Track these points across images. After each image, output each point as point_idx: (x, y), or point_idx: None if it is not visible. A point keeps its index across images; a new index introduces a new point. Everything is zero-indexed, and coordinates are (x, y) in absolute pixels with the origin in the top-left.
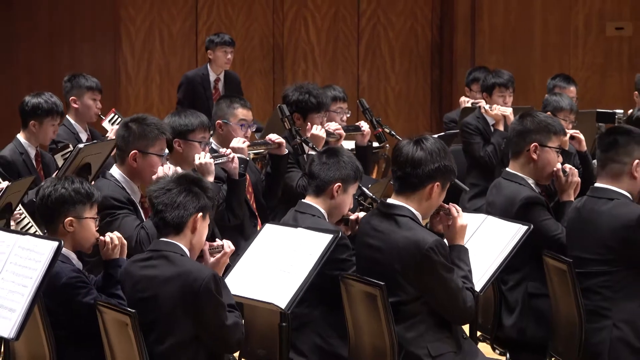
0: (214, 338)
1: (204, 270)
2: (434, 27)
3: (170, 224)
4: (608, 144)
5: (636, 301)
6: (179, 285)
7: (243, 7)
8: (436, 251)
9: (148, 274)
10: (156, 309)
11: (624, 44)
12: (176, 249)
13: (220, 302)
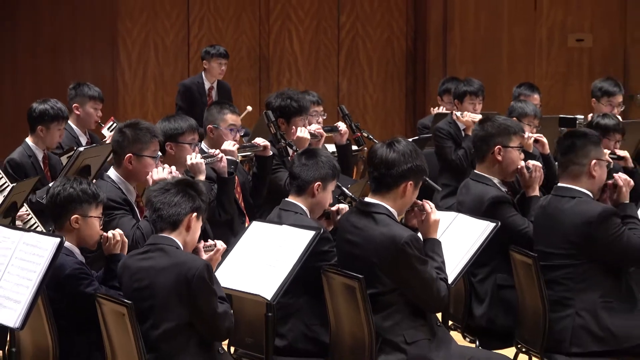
0: (206, 325)
1: (197, 260)
2: (409, 38)
3: (167, 221)
4: (567, 147)
5: (597, 292)
6: (174, 275)
7: (231, 20)
8: (411, 245)
9: (145, 265)
10: (153, 297)
11: (584, 55)
12: (172, 243)
13: (213, 290)
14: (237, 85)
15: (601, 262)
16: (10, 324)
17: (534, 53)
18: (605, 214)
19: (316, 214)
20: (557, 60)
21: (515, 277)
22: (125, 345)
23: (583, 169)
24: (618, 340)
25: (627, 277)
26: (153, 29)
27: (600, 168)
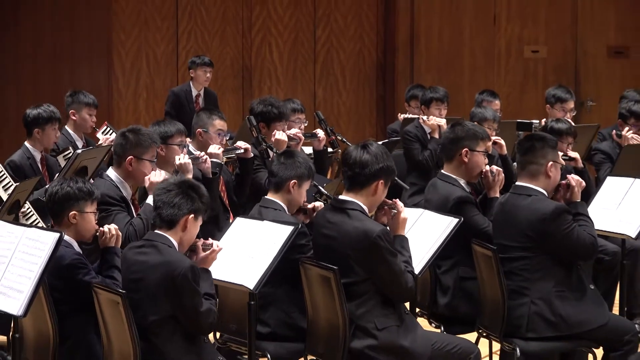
0: (188, 320)
1: (184, 261)
2: (379, 50)
3: (165, 219)
4: (526, 148)
5: (550, 282)
6: (162, 272)
7: (217, 33)
8: (382, 238)
9: (139, 259)
10: (143, 290)
11: (539, 65)
12: (165, 241)
13: (196, 289)
14: (222, 92)
15: (554, 254)
16: (13, 312)
17: (493, 63)
18: (558, 211)
19: (293, 209)
20: (514, 69)
21: (477, 269)
22: (119, 331)
23: (541, 169)
24: (569, 326)
25: (577, 269)
26: (145, 41)
27: (556, 169)
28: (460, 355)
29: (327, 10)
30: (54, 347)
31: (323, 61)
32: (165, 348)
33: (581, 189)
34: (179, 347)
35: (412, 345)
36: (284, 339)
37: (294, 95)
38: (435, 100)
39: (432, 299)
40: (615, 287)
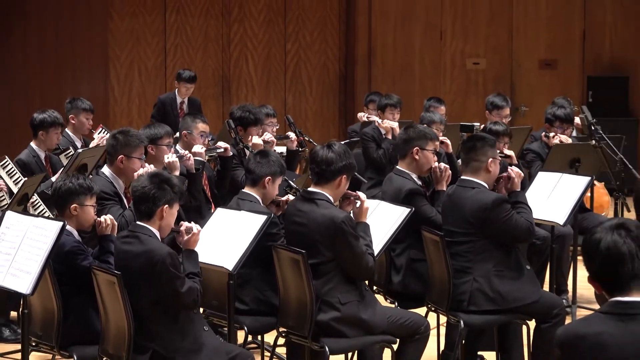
0: (170, 300)
1: (162, 249)
2: (341, 63)
3: (144, 213)
4: (469, 147)
5: (491, 262)
6: (144, 260)
7: (200, 48)
8: (346, 224)
9: (125, 249)
10: (128, 276)
11: (479, 75)
12: (146, 231)
13: (174, 273)
14: (204, 99)
15: (494, 239)
16: (22, 291)
17: (439, 74)
18: (497, 202)
19: (267, 202)
20: (458, 79)
21: (426, 251)
22: (115, 308)
23: (482, 165)
24: (506, 301)
25: (516, 251)
26: (137, 55)
27: (495, 165)
28: (412, 327)
29: (295, 28)
30: (58, 322)
31: (292, 72)
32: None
33: (520, 179)
34: (165, 326)
35: (370, 318)
36: (259, 314)
37: (267, 102)
38: (390, 106)
39: (387, 278)
40: (546, 267)
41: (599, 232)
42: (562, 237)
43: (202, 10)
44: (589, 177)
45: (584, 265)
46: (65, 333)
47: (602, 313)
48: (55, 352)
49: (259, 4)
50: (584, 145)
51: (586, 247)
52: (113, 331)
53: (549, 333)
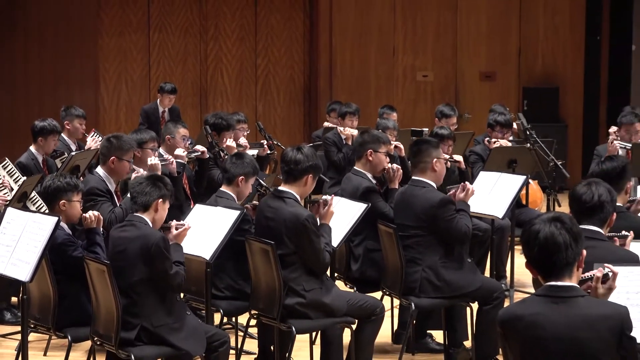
0: (161, 280)
1: (156, 234)
2: (305, 75)
3: (140, 204)
4: (415, 151)
5: (437, 255)
6: (140, 243)
7: (180, 62)
8: (309, 221)
9: (122, 235)
10: (126, 259)
11: (427, 86)
12: (141, 220)
13: (166, 256)
14: (184, 108)
15: (439, 234)
16: (22, 278)
17: (392, 85)
18: (444, 201)
19: (240, 199)
20: (409, 90)
21: (381, 243)
22: (105, 293)
23: (428, 165)
24: (451, 288)
25: (459, 245)
26: (124, 69)
27: (440, 164)
28: (369, 309)
29: (265, 45)
30: (54, 306)
31: (262, 84)
32: (143, 303)
33: (472, 196)
34: (154, 303)
35: (332, 302)
36: (233, 298)
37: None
38: (349, 113)
39: (347, 265)
40: (487, 256)
41: (537, 223)
42: (501, 229)
43: (182, 30)
44: (525, 176)
45: (523, 253)
46: (60, 316)
47: (537, 296)
48: (52, 333)
49: (232, 24)
50: (520, 148)
51: (525, 237)
52: (103, 314)
53: (490, 314)
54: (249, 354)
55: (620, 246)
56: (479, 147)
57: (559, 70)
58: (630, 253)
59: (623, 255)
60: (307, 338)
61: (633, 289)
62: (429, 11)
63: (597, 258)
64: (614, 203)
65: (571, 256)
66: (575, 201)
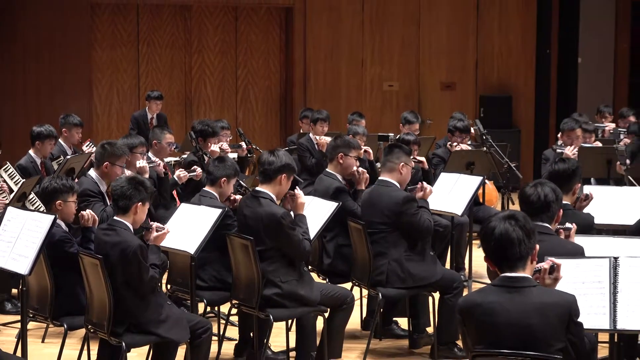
0: (136, 283)
1: (134, 241)
2: (282, 86)
3: (121, 208)
4: (388, 151)
5: (402, 248)
6: (119, 250)
7: (167, 74)
8: (284, 218)
9: (104, 239)
10: (107, 262)
11: (393, 95)
12: (122, 225)
13: (142, 262)
14: (170, 115)
15: (403, 230)
16: (21, 272)
17: (361, 94)
18: (407, 199)
19: (222, 199)
20: (376, 98)
21: (350, 238)
22: (98, 285)
23: (395, 167)
24: (414, 279)
25: (422, 239)
26: (115, 80)
27: (406, 169)
28: (340, 299)
29: (245, 58)
30: (51, 297)
31: (242, 93)
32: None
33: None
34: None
35: (307, 293)
36: (216, 289)
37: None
38: (320, 119)
39: (320, 259)
40: (447, 249)
41: (493, 221)
42: (460, 225)
43: (168, 43)
44: (481, 177)
45: (481, 247)
46: (56, 306)
47: (493, 286)
48: (49, 322)
49: (215, 39)
50: (477, 151)
51: (483, 233)
52: (96, 304)
53: (450, 302)
54: (230, 340)
55: (566, 238)
56: (440, 150)
57: (512, 80)
58: (577, 246)
59: (570, 248)
60: (284, 325)
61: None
62: (394, 27)
63: (546, 251)
64: (560, 201)
65: (524, 250)
66: (524, 201)
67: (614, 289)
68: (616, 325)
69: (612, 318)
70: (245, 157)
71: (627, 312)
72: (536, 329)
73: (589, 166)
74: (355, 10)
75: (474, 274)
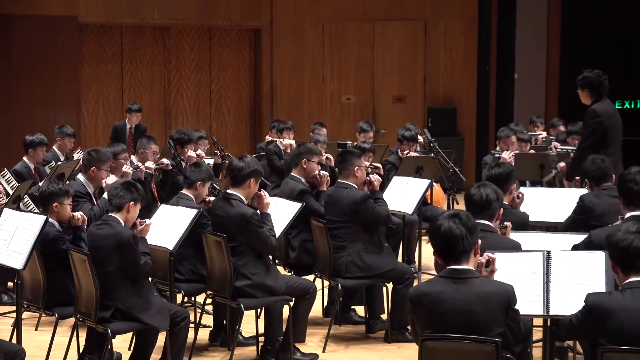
0: (130, 270)
1: (127, 231)
2: (251, 98)
3: (115, 205)
4: (341, 160)
5: (360, 242)
6: (113, 240)
7: (148, 88)
8: (253, 217)
9: (99, 232)
10: (102, 252)
11: (350, 107)
12: (115, 220)
13: (135, 249)
14: (151, 125)
15: (362, 225)
16: (16, 267)
17: (322, 106)
18: (364, 198)
19: (198, 200)
20: (335, 110)
21: (313, 234)
22: (86, 278)
23: (350, 172)
24: (372, 269)
25: (378, 233)
26: (101, 94)
27: (361, 172)
28: (304, 289)
29: (217, 73)
30: (44, 290)
31: (215, 105)
32: (116, 288)
33: (378, 184)
34: (126, 288)
35: (273, 284)
36: (192, 281)
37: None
38: (286, 128)
39: (286, 253)
40: (399, 245)
41: (440, 219)
42: (411, 223)
43: (149, 61)
44: (429, 180)
45: (429, 243)
46: (49, 297)
47: (441, 277)
48: (42, 311)
49: (191, 56)
50: (425, 157)
51: (431, 230)
52: (84, 295)
53: (401, 292)
54: (205, 327)
55: (502, 235)
56: (393, 156)
57: (456, 94)
58: (514, 241)
59: (508, 243)
60: (253, 313)
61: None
62: (351, 47)
63: (488, 246)
64: (500, 201)
65: (467, 245)
66: (468, 200)
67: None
68: (549, 311)
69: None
70: (219, 164)
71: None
72: (479, 315)
73: (525, 170)
74: (317, 32)
75: (423, 266)
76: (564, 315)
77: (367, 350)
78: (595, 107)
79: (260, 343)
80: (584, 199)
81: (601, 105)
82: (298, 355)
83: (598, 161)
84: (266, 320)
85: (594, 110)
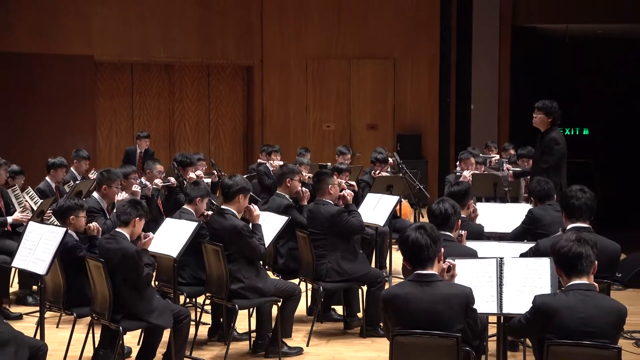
0: (134, 282)
1: (132, 247)
2: (244, 125)
3: (122, 221)
4: (316, 180)
5: (338, 251)
6: (120, 254)
7: (154, 117)
8: (244, 229)
9: (107, 247)
10: (109, 264)
11: (330, 133)
12: (122, 235)
13: (139, 263)
14: (157, 150)
15: (339, 236)
16: (40, 272)
17: (306, 132)
18: (339, 212)
19: (198, 214)
20: (317, 136)
21: (299, 244)
22: (101, 283)
23: (325, 189)
24: (349, 274)
25: (354, 242)
26: (114, 122)
27: (335, 189)
28: (290, 291)
29: (215, 105)
30: (64, 292)
31: (214, 132)
32: (124, 297)
33: (351, 198)
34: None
35: (264, 286)
36: (193, 285)
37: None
38: (274, 151)
39: (275, 260)
40: (372, 252)
41: (408, 231)
42: (383, 234)
43: (156, 94)
44: (398, 197)
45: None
46: (68, 299)
47: (409, 281)
48: (62, 311)
49: (192, 90)
50: (395, 177)
51: (400, 240)
52: (99, 297)
53: (375, 293)
54: (204, 324)
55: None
56: (367, 176)
57: (422, 123)
58: (471, 249)
59: (466, 251)
60: (246, 312)
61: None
62: (331, 82)
63: (449, 253)
64: (458, 214)
65: (432, 253)
66: (430, 214)
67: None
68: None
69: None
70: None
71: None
72: (442, 314)
73: (480, 188)
74: (301, 69)
75: (394, 271)
76: (516, 313)
77: (345, 344)
78: (555, 136)
79: (252, 338)
80: (533, 212)
81: (558, 134)
82: (285, 348)
83: (542, 183)
84: (257, 318)
85: (555, 138)
